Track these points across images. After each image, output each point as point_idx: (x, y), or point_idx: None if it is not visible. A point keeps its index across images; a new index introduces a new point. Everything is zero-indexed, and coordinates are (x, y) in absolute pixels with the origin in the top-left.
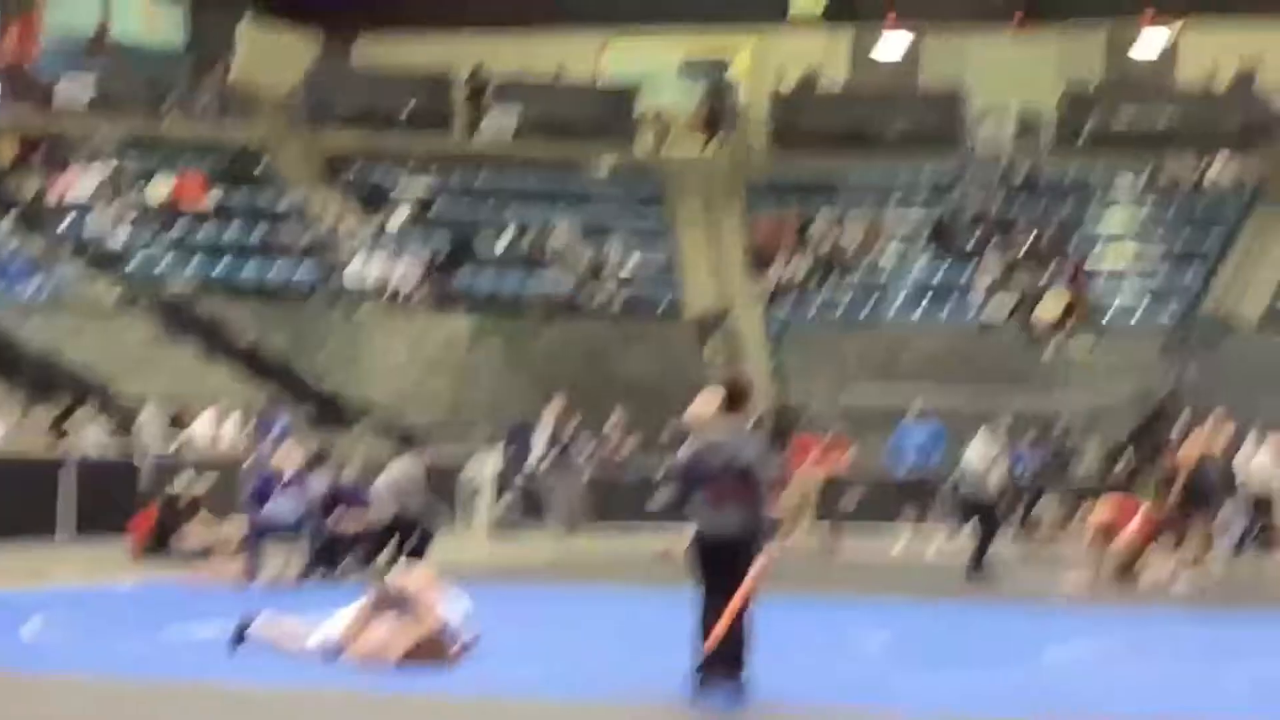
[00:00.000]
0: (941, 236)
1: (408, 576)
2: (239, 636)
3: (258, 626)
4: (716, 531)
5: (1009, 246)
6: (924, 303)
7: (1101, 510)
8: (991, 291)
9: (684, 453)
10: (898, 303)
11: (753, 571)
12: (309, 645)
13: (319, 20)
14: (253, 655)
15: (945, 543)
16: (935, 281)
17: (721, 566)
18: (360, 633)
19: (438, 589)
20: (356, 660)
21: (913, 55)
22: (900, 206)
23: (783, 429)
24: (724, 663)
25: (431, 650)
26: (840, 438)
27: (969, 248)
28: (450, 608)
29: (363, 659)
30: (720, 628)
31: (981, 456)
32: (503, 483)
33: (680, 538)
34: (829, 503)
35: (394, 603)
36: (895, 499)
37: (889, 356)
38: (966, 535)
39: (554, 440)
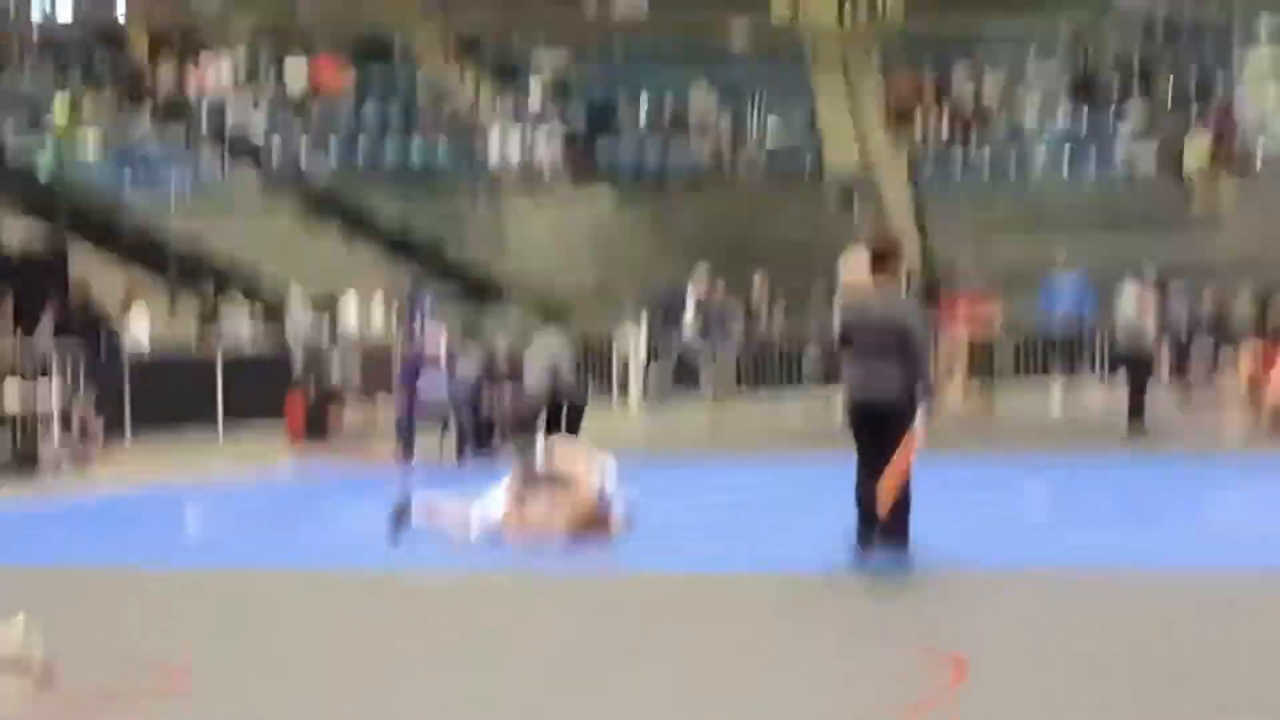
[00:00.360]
0: (1082, 87)
1: (560, 450)
2: (398, 520)
3: (416, 508)
4: (872, 395)
5: (1152, 94)
6: (1067, 155)
7: (1247, 360)
8: (1136, 140)
9: (836, 316)
10: (1041, 156)
11: (912, 435)
12: (470, 529)
13: None
14: (414, 541)
15: (1101, 395)
16: (1078, 133)
17: (878, 430)
18: (518, 511)
19: (588, 461)
20: (518, 538)
21: None
22: (1039, 59)
23: (930, 287)
24: (885, 527)
25: (590, 521)
26: (987, 293)
27: (1111, 97)
28: (603, 477)
29: (523, 536)
30: (885, 492)
31: (1134, 306)
32: (653, 353)
33: (834, 402)
34: (980, 360)
35: (547, 478)
36: (1046, 353)
37: (1034, 211)
38: (1124, 386)
39: (702, 309)
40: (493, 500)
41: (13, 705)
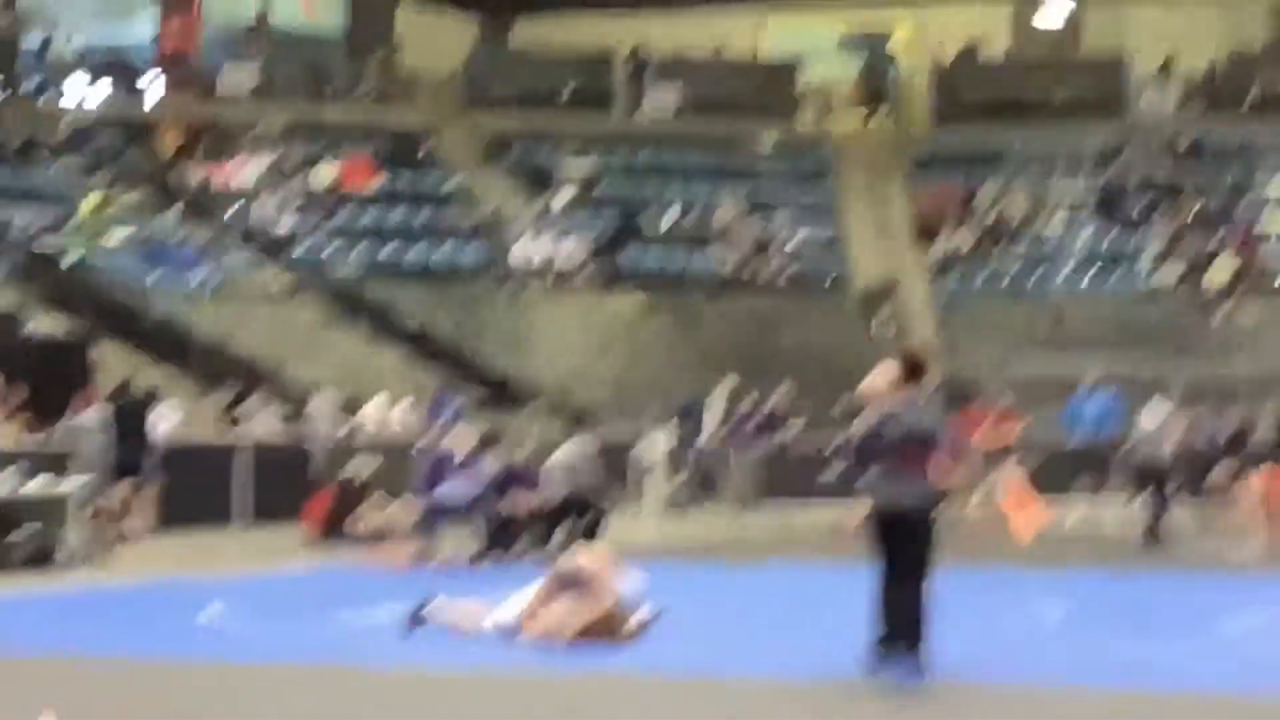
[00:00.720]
0: (1107, 204)
1: (584, 556)
2: (416, 619)
3: (434, 608)
4: (895, 504)
5: (1176, 213)
6: (1091, 271)
7: (1259, 479)
8: (1159, 259)
9: (861, 425)
10: (1065, 272)
11: (937, 545)
12: (485, 627)
13: (476, 3)
14: (429, 638)
15: (1121, 511)
16: (1102, 249)
17: (900, 540)
18: (537, 612)
19: (614, 568)
20: (532, 639)
21: (1074, 22)
22: (1065, 175)
23: (953, 400)
24: (903, 637)
25: (607, 628)
26: (1009, 410)
27: (1135, 215)
28: (627, 586)
29: (539, 638)
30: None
31: (1155, 423)
32: (674, 461)
33: (854, 511)
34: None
35: (571, 582)
36: (1069, 469)
37: (1057, 326)
38: (1141, 503)
39: (725, 417)
40: (515, 601)
41: None
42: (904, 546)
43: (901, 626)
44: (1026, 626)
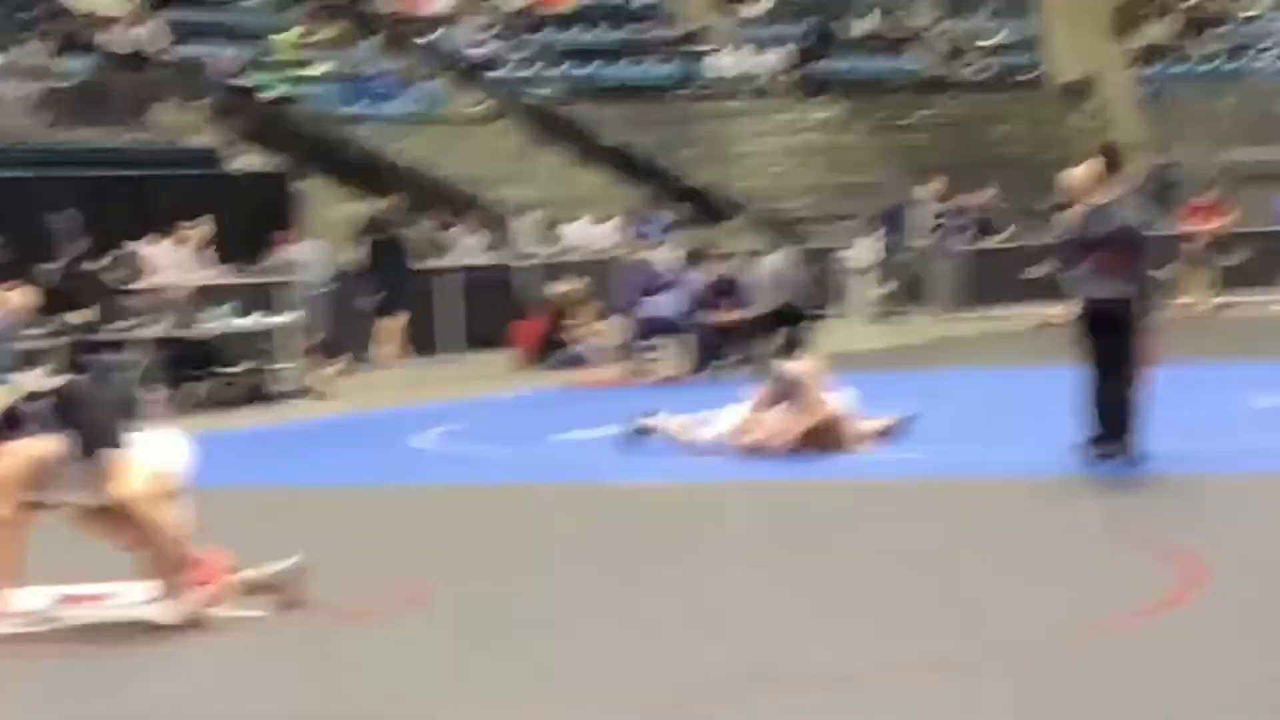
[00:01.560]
0: None
1: (795, 366)
2: (639, 431)
3: (656, 421)
4: (1104, 299)
5: None
6: None
7: None
8: None
9: (1069, 220)
10: (1270, 56)
11: (1147, 341)
12: (705, 438)
13: None
14: (651, 451)
15: None
16: None
17: (1109, 334)
18: (753, 422)
19: (825, 378)
20: (748, 450)
21: None
22: None
23: (1162, 192)
24: (1116, 432)
25: (826, 436)
26: (1222, 199)
27: None
28: (839, 396)
29: (754, 449)
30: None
31: None
32: (882, 267)
33: (1064, 308)
34: (1216, 263)
35: (784, 392)
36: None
37: (1265, 112)
38: None
39: (932, 220)
40: (729, 414)
41: (261, 624)
42: (1113, 343)
43: (1114, 422)
44: (1239, 419)
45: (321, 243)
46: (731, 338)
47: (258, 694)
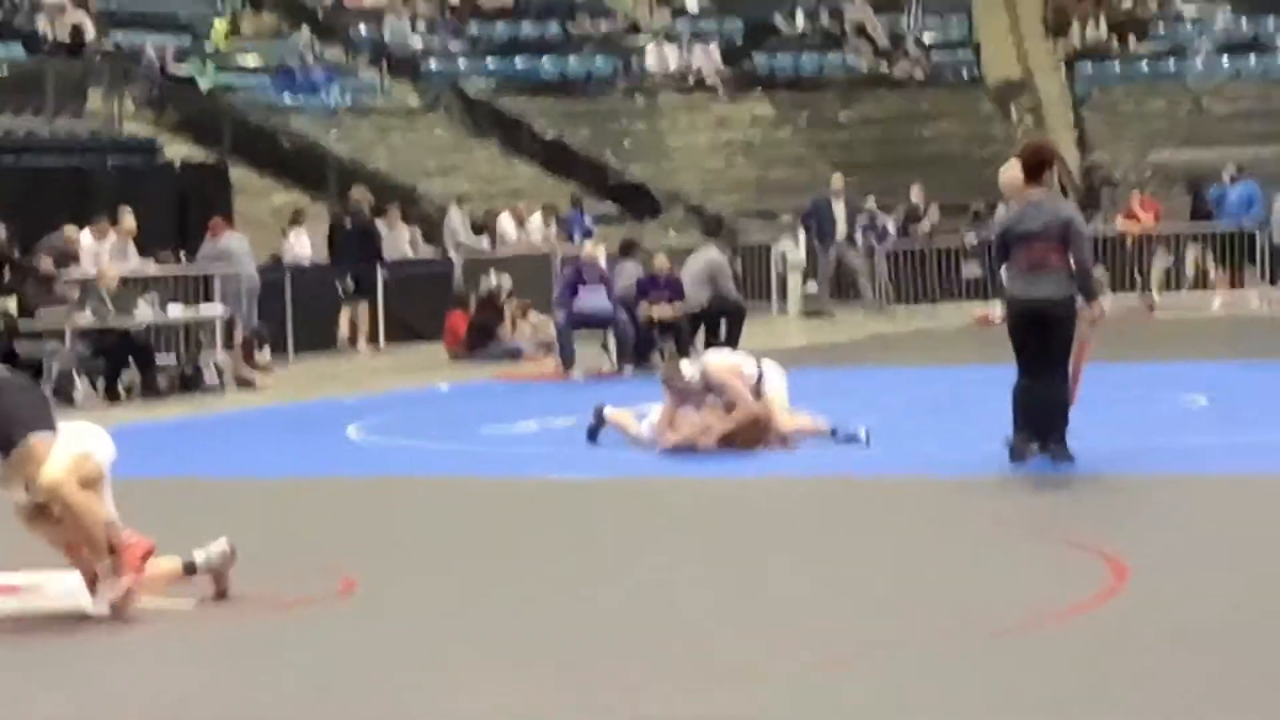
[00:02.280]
0: None
1: (711, 361)
2: (595, 422)
3: (609, 412)
4: (1035, 297)
5: None
6: (1228, 57)
7: None
8: None
9: (1000, 217)
10: (1201, 58)
11: (1081, 337)
12: (642, 431)
13: None
14: (587, 445)
15: (1265, 295)
16: (1240, 34)
17: (1041, 333)
18: (672, 419)
19: (748, 369)
20: (673, 447)
21: None
22: None
23: (1092, 193)
24: (1045, 430)
25: (747, 435)
26: (1154, 198)
27: None
28: (768, 386)
29: (680, 446)
30: (1074, 386)
31: None
32: (810, 263)
33: (995, 306)
34: (1145, 263)
35: (703, 388)
36: (1212, 258)
37: (1195, 114)
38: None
39: (852, 216)
40: (654, 411)
41: (189, 615)
42: (1043, 342)
43: (1043, 421)
44: (1166, 418)
45: (250, 234)
46: (663, 332)
47: (189, 686)
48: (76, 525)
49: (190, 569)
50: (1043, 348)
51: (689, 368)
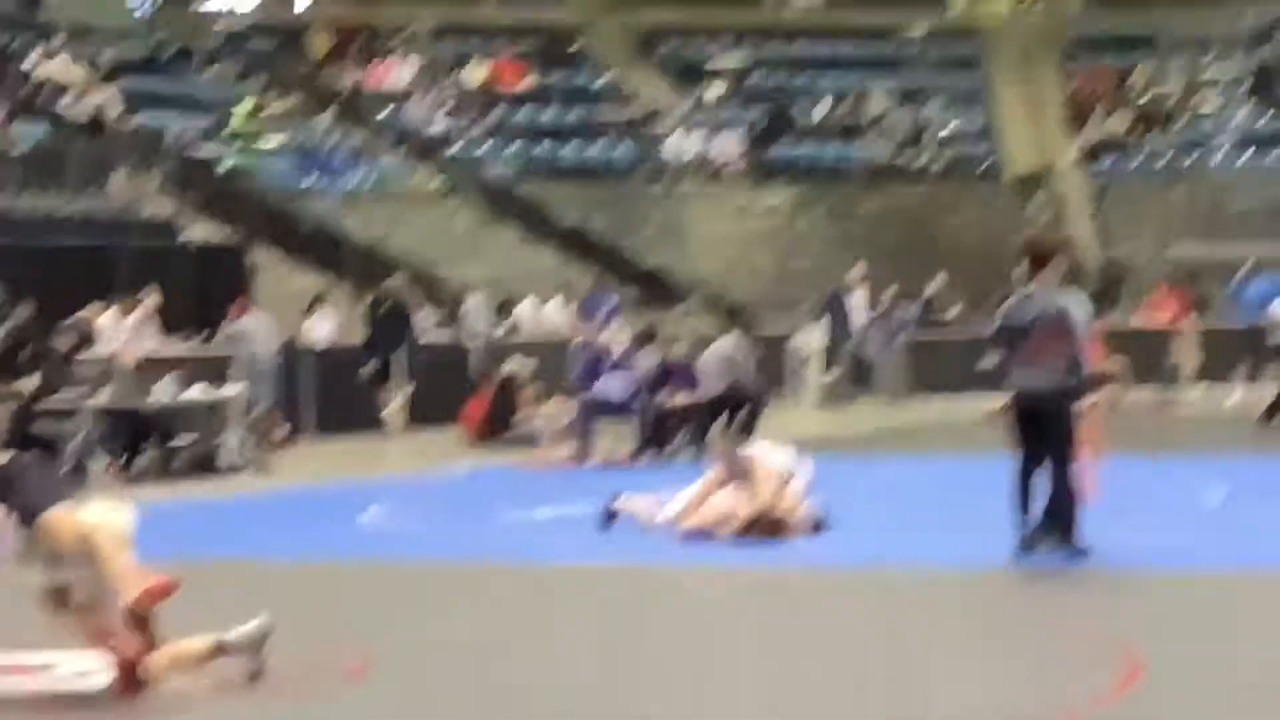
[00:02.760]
0: (1263, 83)
1: (747, 450)
2: (608, 513)
3: (622, 503)
4: (1031, 388)
5: None
6: (1248, 152)
7: None
8: None
9: (1001, 310)
10: (1221, 153)
11: (1080, 429)
12: (659, 521)
13: None
14: (604, 533)
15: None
16: (1258, 130)
17: (1039, 424)
18: (700, 506)
19: (778, 460)
20: (696, 533)
21: None
22: (1219, 55)
23: (1110, 285)
24: (1053, 525)
25: (772, 523)
26: (1184, 289)
27: None
28: (795, 477)
29: (697, 532)
30: (1088, 482)
31: None
32: (830, 353)
33: (1001, 400)
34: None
35: (734, 474)
36: (1230, 352)
37: (1215, 208)
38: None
39: (872, 307)
40: (683, 495)
41: (206, 693)
42: (1043, 434)
43: (1050, 514)
44: (1181, 513)
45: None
46: (679, 421)
47: None
48: (101, 573)
49: (224, 648)
50: (1041, 439)
51: (731, 452)
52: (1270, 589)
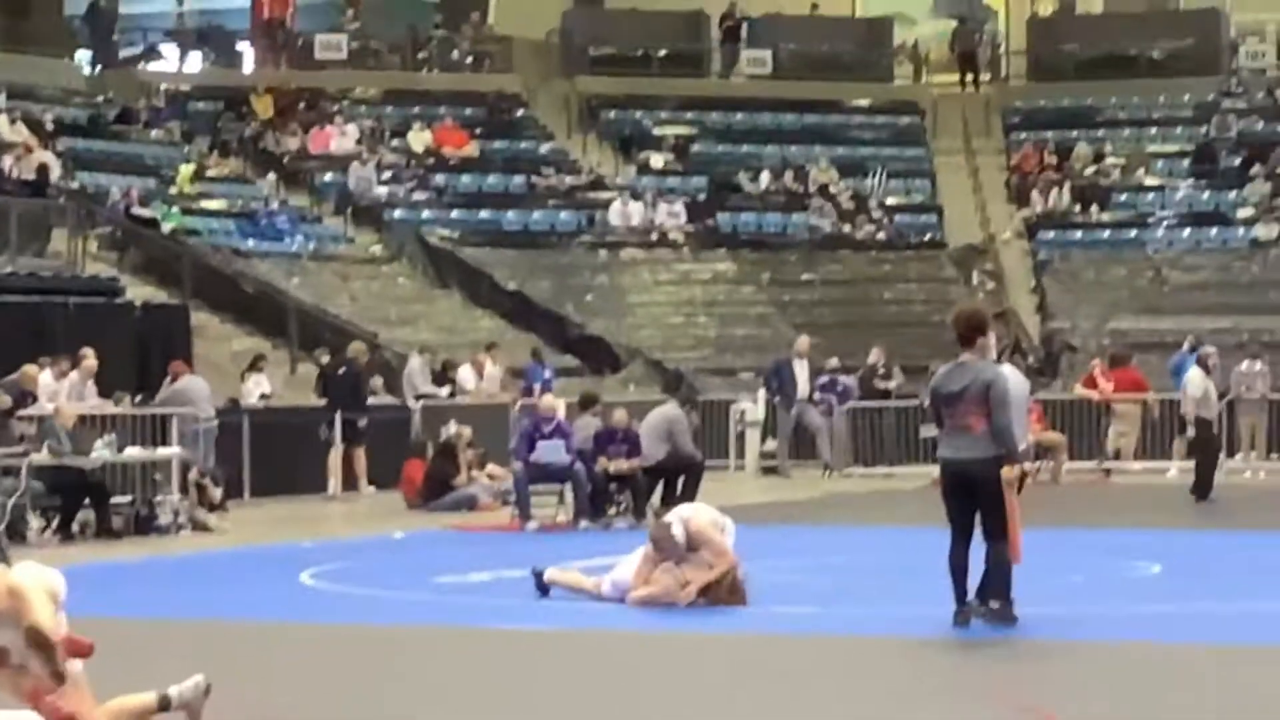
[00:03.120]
0: (1205, 160)
1: (692, 517)
2: (540, 584)
3: (552, 574)
4: (958, 458)
5: (1274, 169)
6: (1189, 228)
7: None
8: (1258, 215)
9: (932, 380)
10: (1162, 229)
11: (1011, 494)
12: (603, 589)
13: None
14: (541, 598)
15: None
16: (1200, 207)
17: (969, 496)
18: (649, 575)
19: (722, 529)
20: (644, 602)
21: None
22: (1162, 130)
23: (1052, 358)
24: (984, 595)
25: (719, 591)
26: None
27: (1234, 170)
28: (729, 541)
29: (652, 600)
30: (1013, 547)
31: (1197, 380)
32: (770, 421)
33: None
34: (1100, 431)
35: (670, 549)
36: (1170, 425)
37: (1155, 283)
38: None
39: (814, 377)
40: (626, 563)
41: None
42: (972, 501)
43: (985, 580)
44: (1114, 585)
45: (211, 377)
46: (620, 486)
47: None
48: (32, 626)
49: (165, 704)
50: (973, 508)
51: (678, 528)
52: (1201, 658)
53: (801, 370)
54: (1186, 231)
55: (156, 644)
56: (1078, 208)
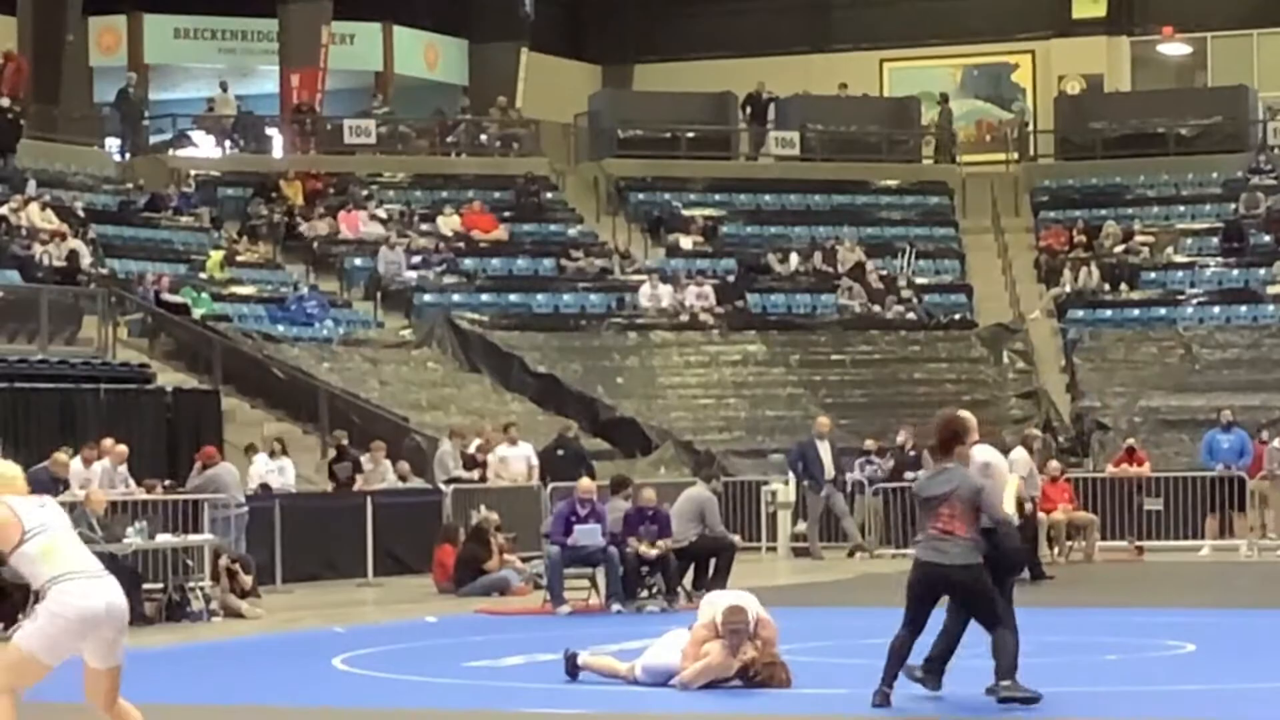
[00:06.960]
0: (1234, 237)
1: (734, 600)
2: (571, 668)
3: (584, 658)
4: (940, 563)
5: None
6: (1219, 305)
7: None
8: None
9: (917, 483)
10: (1192, 306)
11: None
12: (636, 673)
13: (596, 51)
14: (574, 681)
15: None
16: (1230, 284)
17: (934, 601)
18: (692, 656)
19: (763, 611)
20: (686, 684)
21: (1198, 54)
22: (1191, 208)
23: (1083, 438)
24: (999, 679)
25: (775, 669)
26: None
27: (1262, 249)
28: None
29: (703, 674)
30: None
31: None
32: (800, 503)
33: None
34: (1132, 510)
35: (751, 626)
36: (1203, 503)
37: (1186, 361)
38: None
39: (838, 458)
40: (664, 646)
41: None
42: (933, 607)
43: (997, 671)
44: (1151, 664)
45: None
46: (651, 569)
47: None
48: None
49: None
50: (932, 610)
51: (751, 609)
52: None
53: (825, 451)
54: (1216, 309)
55: None
56: (1107, 286)
